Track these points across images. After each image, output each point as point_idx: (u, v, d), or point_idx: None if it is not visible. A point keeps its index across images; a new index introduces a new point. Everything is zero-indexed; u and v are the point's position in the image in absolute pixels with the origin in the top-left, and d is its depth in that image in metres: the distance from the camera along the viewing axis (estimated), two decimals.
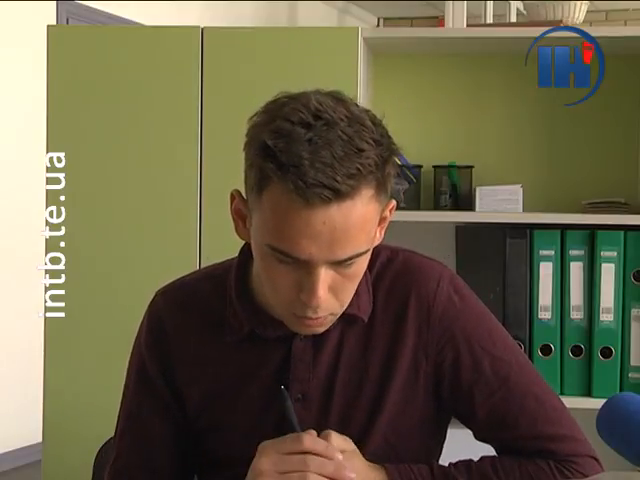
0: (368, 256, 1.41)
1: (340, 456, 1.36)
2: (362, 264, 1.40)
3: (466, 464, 1.49)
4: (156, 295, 1.59)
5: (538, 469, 1.47)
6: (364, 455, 1.45)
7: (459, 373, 1.49)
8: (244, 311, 1.49)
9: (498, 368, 1.50)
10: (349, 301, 1.43)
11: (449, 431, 1.63)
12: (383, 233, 1.46)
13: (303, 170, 1.28)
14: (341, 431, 1.45)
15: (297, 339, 1.48)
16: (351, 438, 1.45)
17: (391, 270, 1.52)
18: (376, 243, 1.44)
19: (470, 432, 1.56)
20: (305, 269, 1.34)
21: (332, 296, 1.37)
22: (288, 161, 1.29)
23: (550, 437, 1.49)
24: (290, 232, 1.31)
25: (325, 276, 1.34)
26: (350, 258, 1.35)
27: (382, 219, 1.42)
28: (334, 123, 1.31)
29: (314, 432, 1.38)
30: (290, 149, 1.29)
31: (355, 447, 1.43)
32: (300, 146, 1.29)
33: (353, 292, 1.42)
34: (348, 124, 1.32)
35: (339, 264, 1.35)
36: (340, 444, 1.40)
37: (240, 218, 1.43)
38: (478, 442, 1.56)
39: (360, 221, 1.33)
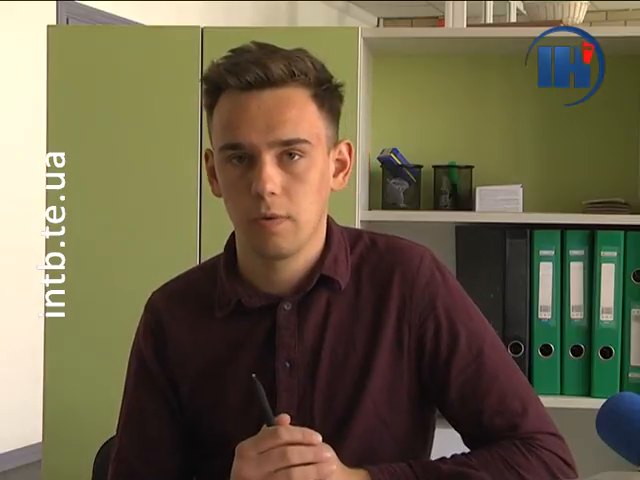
0: (316, 165, 1.47)
1: (319, 438, 1.36)
2: (310, 167, 1.46)
3: (440, 458, 1.51)
4: (152, 293, 1.65)
5: (506, 450, 1.49)
6: (354, 427, 1.49)
7: (439, 345, 1.53)
8: (231, 285, 1.54)
9: (473, 342, 1.54)
10: (306, 208, 1.47)
11: (444, 431, 1.64)
12: (347, 180, 1.56)
13: (238, 60, 1.45)
14: (329, 400, 1.50)
15: (281, 308, 1.52)
16: (340, 408, 1.50)
17: (376, 251, 1.58)
18: (337, 188, 1.54)
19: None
20: (253, 164, 1.44)
21: (284, 196, 1.44)
22: (228, 62, 1.46)
23: (516, 412, 1.52)
24: (231, 123, 1.45)
25: (272, 169, 1.43)
26: (290, 142, 1.43)
27: (342, 163, 1.54)
28: (277, 49, 1.48)
29: (287, 418, 1.37)
30: (228, 59, 1.47)
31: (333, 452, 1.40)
32: (239, 55, 1.46)
33: (309, 200, 1.47)
34: (292, 51, 1.48)
35: (283, 159, 1.44)
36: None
37: (214, 177, 1.54)
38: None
39: (296, 110, 1.44)
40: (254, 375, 1.40)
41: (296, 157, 1.45)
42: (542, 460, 1.49)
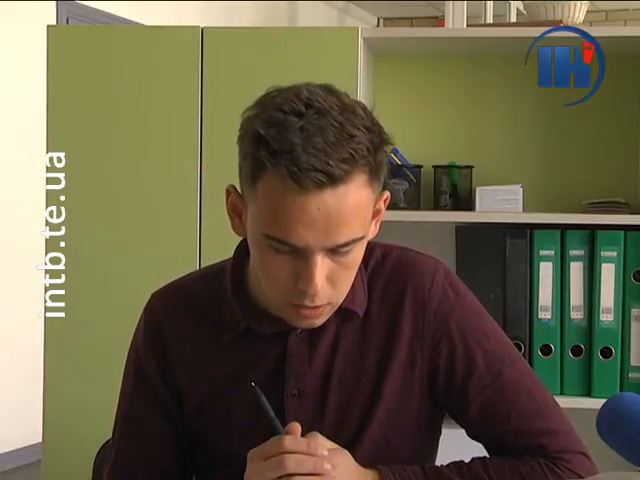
0: (364, 245, 1.42)
1: (324, 451, 1.36)
2: (358, 253, 1.40)
3: (457, 464, 1.48)
4: (152, 297, 1.60)
5: (528, 467, 1.46)
6: (360, 450, 1.46)
7: (454, 367, 1.50)
8: (240, 308, 1.49)
9: (491, 362, 1.50)
10: (347, 291, 1.43)
11: (447, 431, 1.63)
12: (378, 227, 1.47)
13: (296, 155, 1.30)
14: (338, 426, 1.47)
15: (293, 335, 1.48)
16: (348, 433, 1.47)
17: (386, 267, 1.53)
18: (371, 236, 1.46)
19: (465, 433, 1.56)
20: (302, 257, 1.35)
21: (329, 285, 1.38)
22: (281, 147, 1.31)
23: (541, 432, 1.48)
24: (285, 219, 1.33)
25: (322, 264, 1.35)
26: (346, 244, 1.36)
27: (377, 211, 1.44)
28: (325, 111, 1.33)
29: (297, 426, 1.37)
30: (282, 136, 1.31)
31: (345, 450, 1.42)
32: (292, 133, 1.31)
33: (350, 282, 1.43)
34: (339, 112, 1.34)
35: (335, 252, 1.36)
36: (326, 444, 1.39)
37: (236, 214, 1.44)
38: (474, 443, 1.55)
39: (354, 207, 1.34)
40: (253, 383, 1.38)
41: (346, 252, 1.37)
42: (559, 478, 1.46)
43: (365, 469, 1.42)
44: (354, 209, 1.34)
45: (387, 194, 1.46)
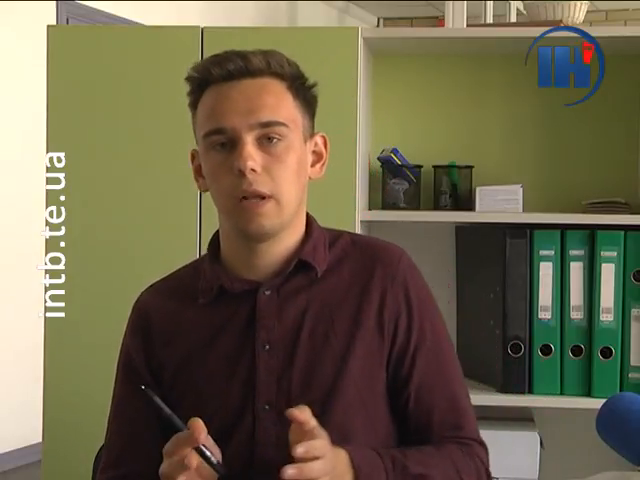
0: (295, 146, 1.56)
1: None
2: (289, 147, 1.55)
3: (399, 450, 1.56)
4: (141, 293, 1.72)
5: (454, 455, 1.57)
6: (336, 405, 1.55)
7: (410, 335, 1.61)
8: (213, 271, 1.62)
9: (436, 340, 1.64)
10: (289, 190, 1.55)
11: None
12: (324, 170, 1.64)
13: (219, 54, 1.57)
14: (307, 379, 1.56)
15: (261, 292, 1.59)
16: (318, 389, 1.56)
17: (357, 248, 1.66)
18: (316, 176, 1.63)
19: None
20: (236, 147, 1.53)
21: (266, 175, 1.53)
22: (209, 58, 1.57)
23: (461, 413, 1.62)
24: (215, 111, 1.55)
25: (253, 149, 1.52)
26: (269, 124, 1.53)
27: (318, 154, 1.63)
28: (252, 52, 1.58)
29: (199, 422, 1.43)
30: (210, 57, 1.59)
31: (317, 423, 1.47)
32: (218, 54, 1.58)
33: (290, 181, 1.55)
34: (266, 50, 1.59)
35: (263, 140, 1.53)
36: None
37: (200, 175, 1.63)
38: None
39: (274, 98, 1.55)
40: (143, 387, 1.47)
41: (275, 140, 1.54)
42: (477, 468, 1.59)
43: (339, 449, 1.46)
44: (274, 99, 1.54)
45: (322, 133, 1.63)
